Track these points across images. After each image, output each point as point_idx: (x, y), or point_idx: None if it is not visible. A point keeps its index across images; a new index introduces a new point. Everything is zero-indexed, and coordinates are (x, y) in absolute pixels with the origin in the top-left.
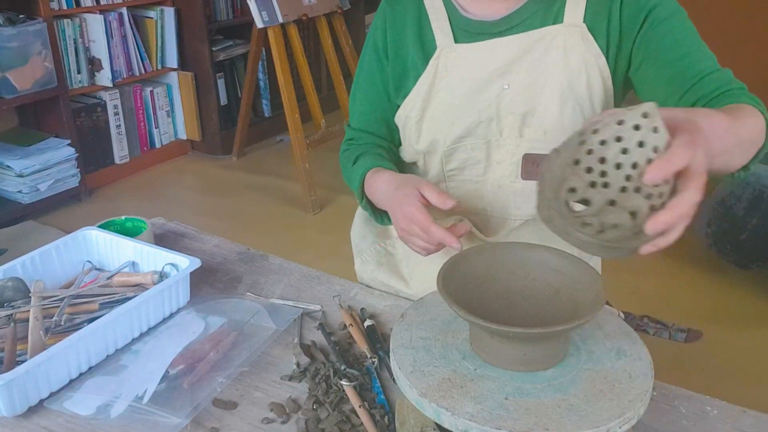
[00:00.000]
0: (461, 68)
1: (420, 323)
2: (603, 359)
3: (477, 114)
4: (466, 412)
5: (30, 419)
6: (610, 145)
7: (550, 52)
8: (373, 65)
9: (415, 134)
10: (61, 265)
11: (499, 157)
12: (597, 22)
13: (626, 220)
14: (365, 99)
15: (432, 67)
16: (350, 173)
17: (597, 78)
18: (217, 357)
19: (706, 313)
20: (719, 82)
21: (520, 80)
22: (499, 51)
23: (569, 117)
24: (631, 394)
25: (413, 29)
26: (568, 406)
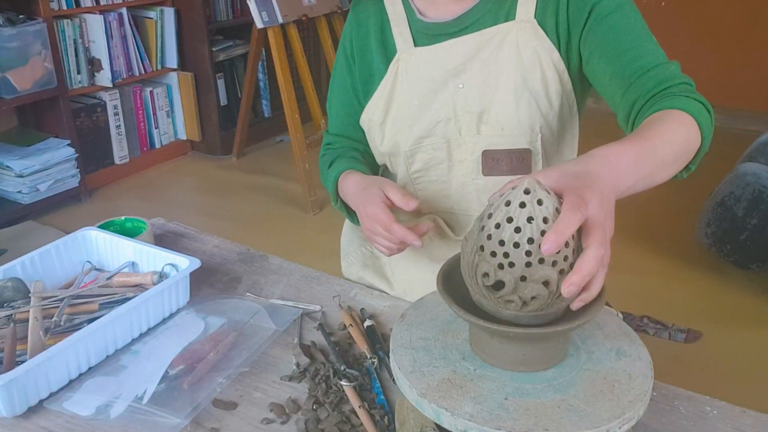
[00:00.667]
0: (420, 70)
1: (420, 323)
2: (603, 359)
3: (435, 113)
4: (466, 412)
5: (30, 419)
6: (504, 227)
7: (503, 48)
8: (344, 71)
9: (378, 137)
10: (60, 265)
11: (460, 156)
12: (546, 18)
13: (541, 290)
14: (339, 104)
15: (392, 70)
16: (326, 176)
17: (552, 72)
18: (217, 357)
19: (705, 314)
20: (658, 78)
21: (474, 78)
22: (454, 50)
23: (525, 112)
24: (631, 395)
25: (376, 34)
26: (567, 406)
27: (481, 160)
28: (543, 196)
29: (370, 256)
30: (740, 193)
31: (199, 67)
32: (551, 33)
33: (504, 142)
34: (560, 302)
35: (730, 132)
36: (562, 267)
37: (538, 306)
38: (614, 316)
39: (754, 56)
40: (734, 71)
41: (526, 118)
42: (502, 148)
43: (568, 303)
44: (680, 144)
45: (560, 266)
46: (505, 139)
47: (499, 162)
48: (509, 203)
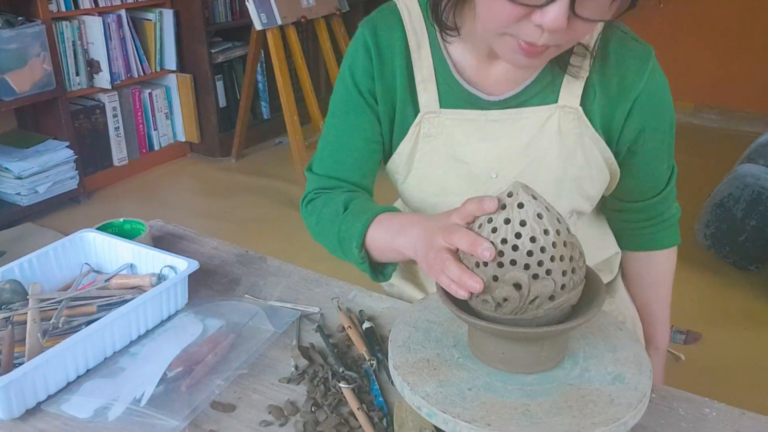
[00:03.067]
0: (445, 136)
1: (436, 307)
2: (594, 380)
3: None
4: (424, 391)
5: (27, 422)
6: (484, 226)
7: (543, 135)
8: (357, 107)
9: (403, 195)
10: (59, 267)
11: None
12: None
13: (512, 292)
14: (343, 145)
15: (413, 132)
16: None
17: (596, 160)
18: (215, 359)
19: (704, 315)
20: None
21: (510, 168)
22: (488, 125)
23: (566, 199)
24: (599, 418)
25: (402, 80)
26: (525, 411)
27: None
28: (525, 200)
29: (408, 268)
30: (739, 195)
31: (198, 69)
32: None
33: None
34: (534, 309)
35: (729, 133)
36: (535, 272)
37: (511, 309)
38: (637, 342)
39: (753, 58)
40: (733, 72)
41: (567, 204)
42: None
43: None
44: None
45: (533, 270)
46: None
47: None
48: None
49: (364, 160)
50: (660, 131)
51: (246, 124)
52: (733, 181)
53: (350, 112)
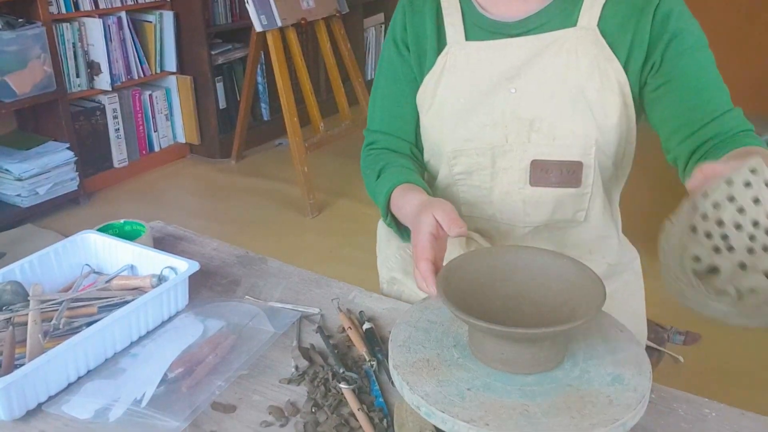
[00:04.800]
0: (469, 67)
1: (437, 307)
2: (594, 381)
3: (482, 117)
4: (423, 390)
5: (28, 423)
6: (724, 206)
7: (560, 54)
8: (394, 61)
9: (423, 132)
10: (59, 268)
11: (505, 164)
12: (620, 31)
13: (763, 282)
14: (386, 98)
15: (440, 64)
16: (374, 187)
17: (611, 82)
18: (216, 360)
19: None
20: (734, 122)
21: (528, 84)
22: (509, 51)
23: (580, 122)
24: (597, 419)
25: (431, 21)
26: (524, 411)
27: (530, 169)
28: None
29: (411, 262)
30: None
31: (198, 71)
32: (621, 47)
33: (555, 152)
34: None
35: None
36: None
37: (757, 302)
38: (637, 344)
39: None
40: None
41: (581, 129)
42: (553, 159)
43: None
44: None
45: None
46: (556, 150)
47: (548, 173)
48: (731, 182)
49: (406, 109)
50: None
51: (246, 125)
52: None
53: (392, 67)
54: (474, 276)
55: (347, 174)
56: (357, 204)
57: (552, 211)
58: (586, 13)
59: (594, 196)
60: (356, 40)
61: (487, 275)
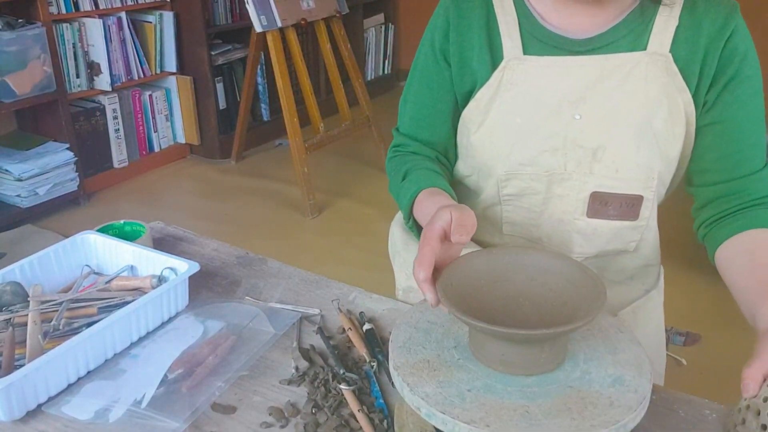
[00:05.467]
0: (527, 84)
1: (437, 308)
2: (594, 382)
3: (541, 142)
4: (424, 391)
5: (28, 424)
6: None
7: (629, 80)
8: (431, 67)
9: (469, 149)
10: (59, 269)
11: (561, 191)
12: (685, 53)
13: None
14: (417, 103)
15: (496, 78)
16: (398, 189)
17: (679, 113)
18: (216, 361)
19: (704, 316)
20: (760, 184)
21: (593, 110)
22: (572, 71)
23: (645, 154)
24: (598, 421)
25: (481, 32)
26: (524, 413)
27: (589, 201)
28: None
29: None
30: None
31: (198, 71)
32: (688, 70)
33: (617, 185)
34: None
35: None
36: None
37: None
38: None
39: None
40: None
41: (645, 162)
42: (614, 192)
43: None
44: None
45: None
46: (618, 182)
47: (606, 205)
48: None
49: (437, 118)
50: (753, 79)
51: (246, 126)
52: None
53: (427, 72)
54: (475, 277)
55: (347, 174)
56: (357, 204)
57: (606, 243)
58: (657, 37)
59: (648, 228)
60: (356, 41)
61: (488, 276)
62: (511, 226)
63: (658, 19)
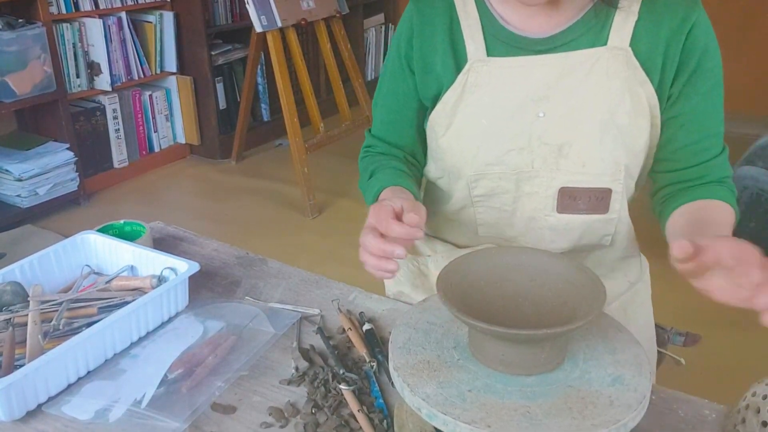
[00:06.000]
0: (492, 85)
1: (437, 309)
2: (594, 381)
3: (507, 142)
4: (424, 392)
5: (28, 423)
6: None
7: (590, 76)
8: (397, 72)
9: (438, 152)
10: (59, 269)
11: (530, 189)
12: (651, 50)
13: None
14: (386, 107)
15: (460, 81)
16: (365, 187)
17: (642, 107)
18: (216, 361)
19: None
20: (716, 169)
21: (556, 108)
22: (535, 70)
23: (609, 148)
24: (599, 420)
25: (444, 35)
26: (525, 413)
27: (557, 197)
28: None
29: (419, 274)
30: (738, 197)
31: (198, 71)
32: (650, 63)
33: (584, 179)
34: None
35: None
36: None
37: None
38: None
39: (752, 59)
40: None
41: (611, 155)
42: (582, 186)
43: None
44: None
45: None
46: (585, 177)
47: (576, 200)
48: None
49: (405, 122)
50: (711, 75)
51: (246, 126)
52: None
53: (394, 78)
54: (474, 277)
55: (347, 174)
56: (357, 204)
57: (579, 238)
58: (617, 32)
59: (621, 221)
60: (356, 41)
61: (488, 276)
62: (485, 228)
63: (617, 15)
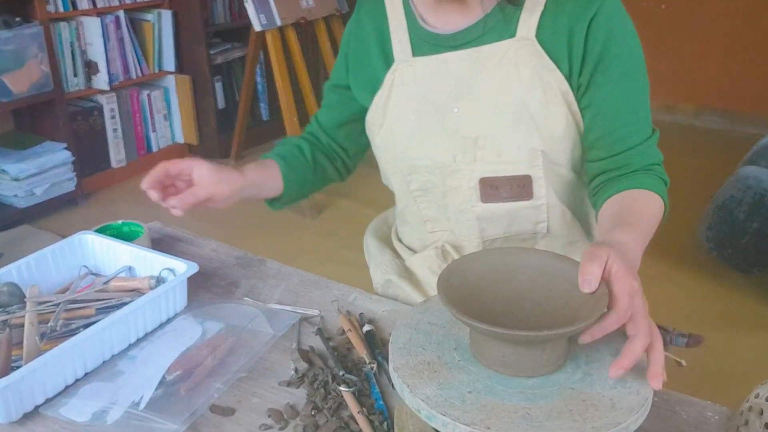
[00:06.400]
0: (416, 84)
1: (438, 310)
2: (596, 384)
3: (429, 137)
4: (424, 393)
5: (25, 426)
6: None
7: (501, 67)
8: (341, 70)
9: (377, 152)
10: (57, 269)
11: (454, 183)
12: (551, 36)
13: None
14: (327, 99)
15: (387, 82)
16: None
17: (553, 92)
18: (215, 363)
19: (707, 318)
20: (641, 157)
21: (470, 102)
22: (450, 65)
23: (524, 136)
24: (599, 422)
25: (376, 38)
26: (525, 414)
27: (479, 187)
28: None
29: (405, 269)
30: (741, 197)
31: (196, 70)
32: (557, 52)
33: (502, 168)
34: None
35: (731, 135)
36: None
37: None
38: None
39: (755, 59)
40: (735, 74)
41: (525, 143)
42: (501, 175)
43: None
44: (654, 218)
45: None
46: (503, 166)
47: (497, 189)
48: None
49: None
50: (624, 58)
51: (245, 125)
52: (736, 184)
53: (338, 72)
54: (475, 278)
55: None
56: (357, 205)
57: (507, 225)
58: (524, 24)
59: (551, 207)
60: None
61: (489, 277)
62: (431, 224)
63: (525, 6)
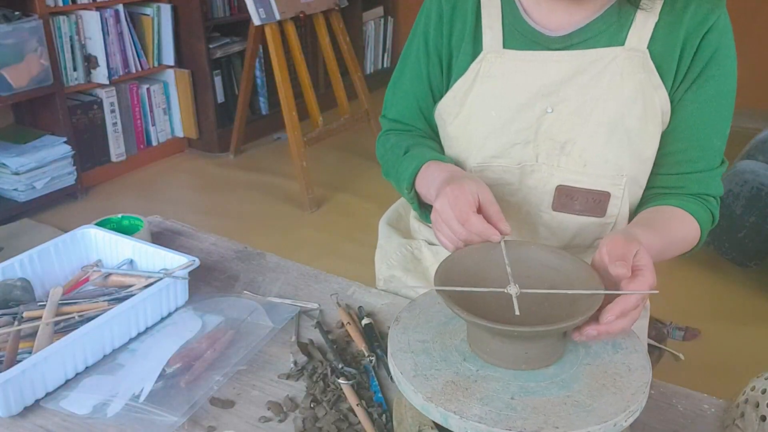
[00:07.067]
0: (504, 78)
1: (416, 326)
2: (601, 353)
3: (514, 135)
4: (474, 414)
5: (26, 418)
6: None
7: (604, 75)
8: (421, 57)
9: (446, 140)
10: (59, 263)
11: (531, 183)
12: (667, 55)
13: None
14: (408, 91)
15: (473, 71)
16: (399, 163)
17: (654, 112)
18: (214, 355)
19: (703, 312)
20: (700, 185)
21: (566, 104)
22: (548, 66)
23: (614, 151)
24: (633, 387)
25: (469, 23)
26: (573, 402)
27: (554, 194)
28: None
29: (412, 259)
30: (738, 191)
31: (196, 65)
32: (666, 66)
33: (583, 180)
34: None
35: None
36: None
37: None
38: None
39: (752, 53)
40: None
41: (614, 159)
42: (581, 187)
43: None
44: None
45: None
46: (585, 177)
47: (572, 200)
48: None
49: (428, 107)
50: (719, 80)
51: (244, 119)
52: (733, 178)
53: (418, 61)
54: (473, 273)
55: (346, 168)
56: (356, 198)
57: (571, 238)
58: (635, 33)
59: (618, 226)
60: (355, 34)
61: (487, 272)
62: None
63: (638, 15)
